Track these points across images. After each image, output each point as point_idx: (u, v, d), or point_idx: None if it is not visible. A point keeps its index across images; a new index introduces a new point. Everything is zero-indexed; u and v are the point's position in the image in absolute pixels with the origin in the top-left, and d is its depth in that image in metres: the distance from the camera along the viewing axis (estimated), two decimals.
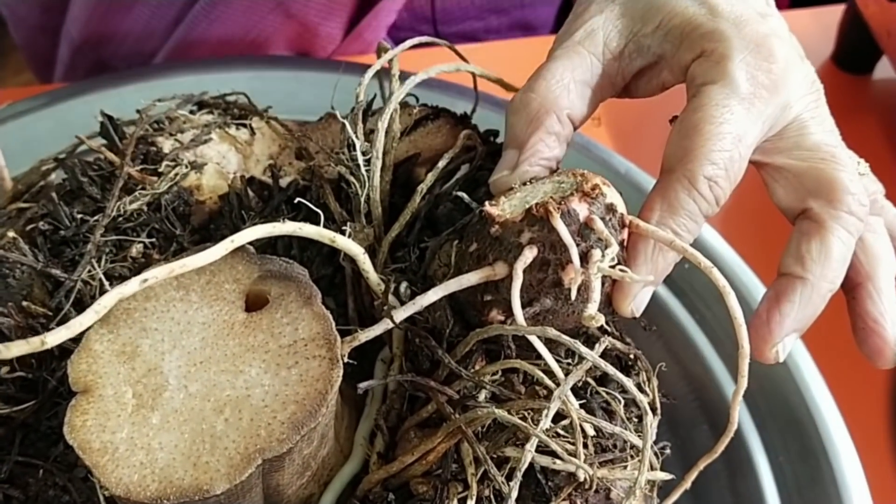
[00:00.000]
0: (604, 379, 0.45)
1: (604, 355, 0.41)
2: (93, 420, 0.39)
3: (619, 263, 0.40)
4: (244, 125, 0.56)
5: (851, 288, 0.45)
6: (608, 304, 0.42)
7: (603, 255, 0.37)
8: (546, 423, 0.37)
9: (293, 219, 0.49)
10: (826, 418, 0.61)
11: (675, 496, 0.45)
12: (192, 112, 0.57)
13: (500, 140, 0.50)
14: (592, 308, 0.36)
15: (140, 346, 0.41)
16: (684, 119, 0.42)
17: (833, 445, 0.60)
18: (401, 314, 0.39)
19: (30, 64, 1.11)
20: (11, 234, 0.49)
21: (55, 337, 0.35)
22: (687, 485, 0.45)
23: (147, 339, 0.41)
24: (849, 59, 0.95)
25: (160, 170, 0.52)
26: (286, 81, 0.80)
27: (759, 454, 0.62)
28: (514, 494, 0.36)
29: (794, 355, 0.63)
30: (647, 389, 0.44)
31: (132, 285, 0.38)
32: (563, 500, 0.41)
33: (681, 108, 0.44)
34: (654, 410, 0.44)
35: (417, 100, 0.55)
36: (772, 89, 0.42)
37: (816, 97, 0.45)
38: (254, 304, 0.42)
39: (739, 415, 0.64)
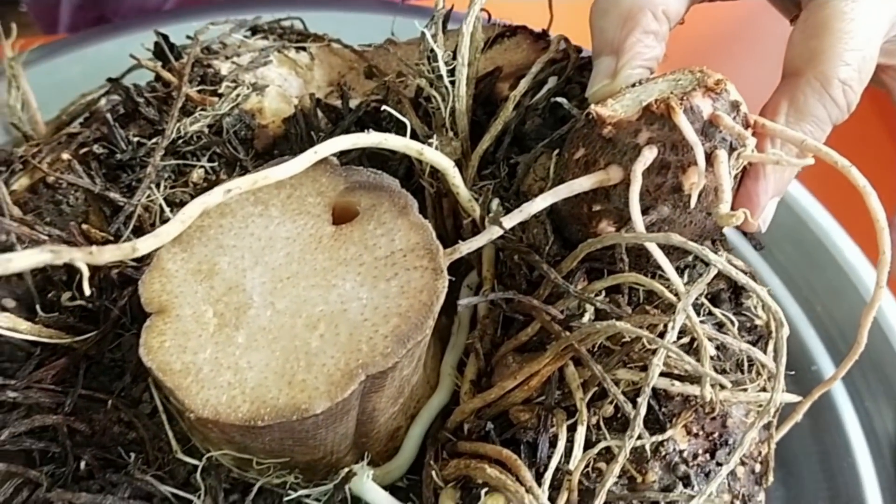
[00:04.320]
0: (716, 300, 0.41)
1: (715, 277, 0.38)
2: (171, 341, 0.36)
3: (739, 172, 0.37)
4: (303, 48, 0.53)
5: None
6: (718, 227, 0.39)
7: (742, 147, 0.34)
8: (672, 335, 0.34)
9: None
10: None
11: (788, 426, 0.42)
12: (245, 37, 0.54)
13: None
14: (726, 206, 0.33)
15: (218, 264, 0.38)
16: (809, 16, 0.39)
17: None
18: (508, 222, 0.36)
19: (37, 23, 1.07)
20: (66, 155, 0.46)
21: (145, 244, 0.32)
22: (798, 417, 0.42)
23: (225, 257, 0.38)
24: None
25: (220, 91, 0.48)
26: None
27: (843, 400, 0.59)
28: (643, 412, 0.33)
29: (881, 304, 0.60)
30: (762, 313, 0.41)
31: (216, 195, 0.35)
32: (680, 427, 0.38)
33: None
34: (769, 335, 0.41)
35: None
36: None
37: None
38: (341, 217, 0.38)
39: (822, 363, 0.62)
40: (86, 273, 0.29)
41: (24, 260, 0.28)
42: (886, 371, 0.59)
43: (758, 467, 0.41)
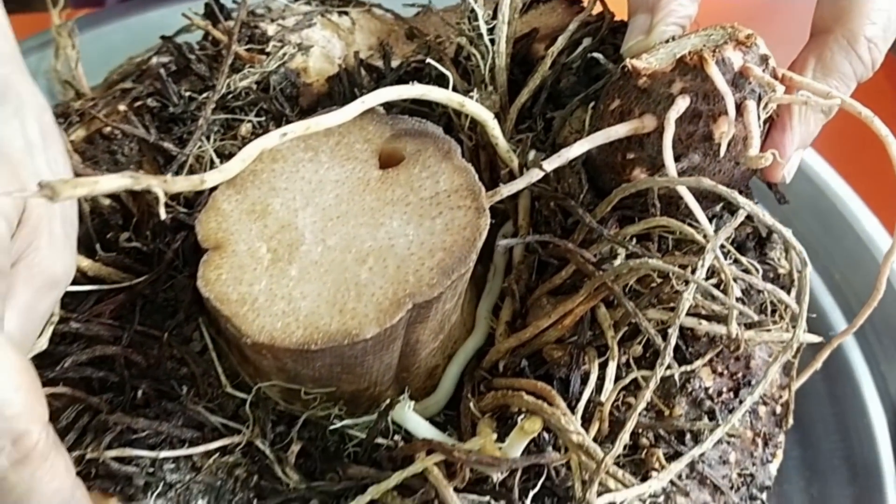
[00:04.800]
0: (742, 248, 0.43)
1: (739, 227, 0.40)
2: (227, 273, 0.38)
3: (766, 124, 0.39)
4: (345, 13, 0.55)
5: None
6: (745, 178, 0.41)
7: (771, 94, 0.36)
8: (701, 273, 0.36)
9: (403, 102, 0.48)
10: None
11: (808, 374, 0.44)
12: (289, 3, 0.56)
13: None
14: (755, 150, 0.35)
15: (271, 205, 0.40)
16: None
17: None
18: (548, 165, 0.38)
19: None
20: (122, 107, 0.48)
21: (212, 177, 0.34)
22: (818, 364, 0.44)
23: (277, 198, 0.40)
24: None
25: (267, 50, 0.50)
26: None
27: (859, 362, 0.61)
28: (673, 342, 0.35)
29: None
30: (785, 263, 0.43)
31: (273, 137, 0.37)
32: (704, 365, 0.40)
33: None
34: (791, 284, 0.43)
35: None
36: None
37: None
38: (387, 162, 0.41)
39: (837, 325, 0.64)
40: (162, 199, 0.32)
41: (108, 183, 0.30)
42: None
43: (779, 409, 0.43)
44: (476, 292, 0.46)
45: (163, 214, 0.31)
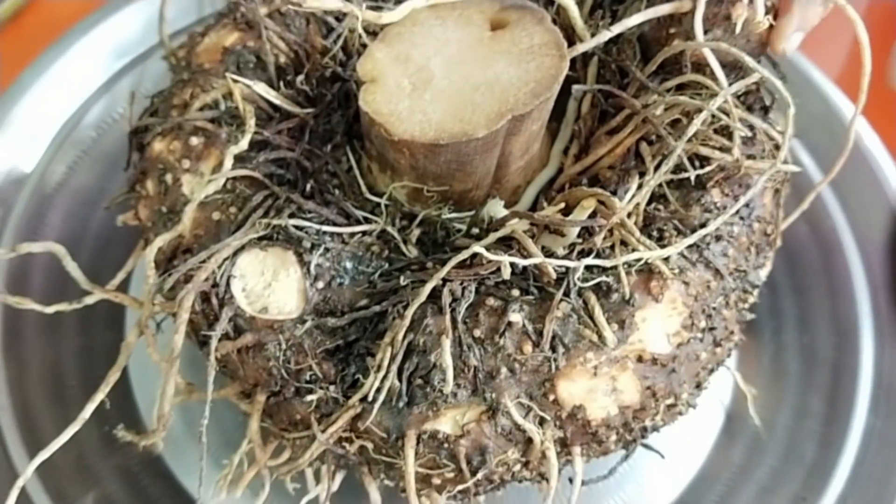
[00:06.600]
0: (750, 109, 0.58)
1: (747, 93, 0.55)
2: (380, 97, 0.55)
3: (772, 10, 0.54)
4: None
5: None
6: (760, 47, 0.56)
7: None
8: (716, 103, 0.51)
9: None
10: None
11: (791, 220, 0.59)
12: None
13: None
14: (760, 17, 0.50)
15: (411, 54, 0.56)
16: None
17: None
18: (615, 28, 0.53)
19: None
20: None
21: (387, 16, 0.51)
22: (799, 212, 0.59)
23: (416, 50, 0.56)
24: None
25: None
26: None
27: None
28: (691, 130, 0.50)
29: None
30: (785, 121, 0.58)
31: (419, 2, 0.54)
32: (714, 186, 0.55)
33: None
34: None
35: None
36: None
37: None
38: (497, 26, 0.57)
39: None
40: (360, 27, 0.48)
41: (330, 3, 0.46)
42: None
43: (769, 229, 0.58)
44: (551, 138, 0.62)
45: (362, 32, 0.48)
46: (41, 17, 0.89)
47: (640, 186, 0.54)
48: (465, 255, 0.51)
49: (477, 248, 0.50)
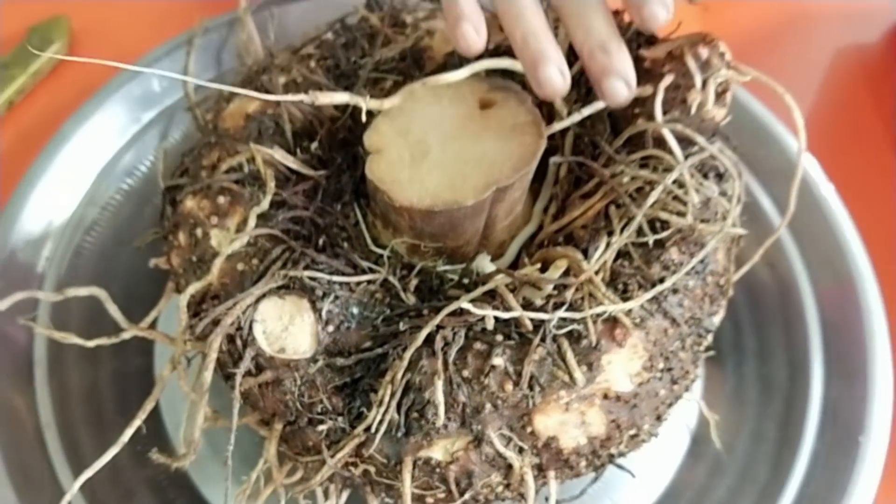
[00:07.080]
0: (706, 177, 0.67)
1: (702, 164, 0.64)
2: (384, 168, 0.63)
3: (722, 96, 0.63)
4: None
5: None
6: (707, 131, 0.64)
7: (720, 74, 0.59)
8: (671, 177, 0.59)
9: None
10: None
11: (749, 266, 0.67)
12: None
13: None
14: (711, 102, 0.59)
15: (411, 128, 0.65)
16: None
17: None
18: (586, 111, 0.62)
19: None
20: (313, 63, 0.74)
21: (387, 102, 0.59)
22: (756, 258, 0.68)
23: (415, 124, 0.65)
24: None
25: (406, 32, 0.75)
26: None
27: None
28: (650, 200, 0.59)
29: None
30: (735, 188, 0.67)
31: (417, 85, 0.63)
32: (672, 245, 0.64)
33: None
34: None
35: None
36: None
37: None
38: (485, 106, 0.65)
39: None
40: (364, 114, 0.57)
41: (339, 97, 0.55)
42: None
43: (722, 280, 0.66)
44: (533, 198, 0.71)
45: (364, 116, 0.56)
46: (77, 73, 0.97)
47: (607, 245, 0.63)
48: (454, 306, 0.59)
49: (464, 303, 0.58)
